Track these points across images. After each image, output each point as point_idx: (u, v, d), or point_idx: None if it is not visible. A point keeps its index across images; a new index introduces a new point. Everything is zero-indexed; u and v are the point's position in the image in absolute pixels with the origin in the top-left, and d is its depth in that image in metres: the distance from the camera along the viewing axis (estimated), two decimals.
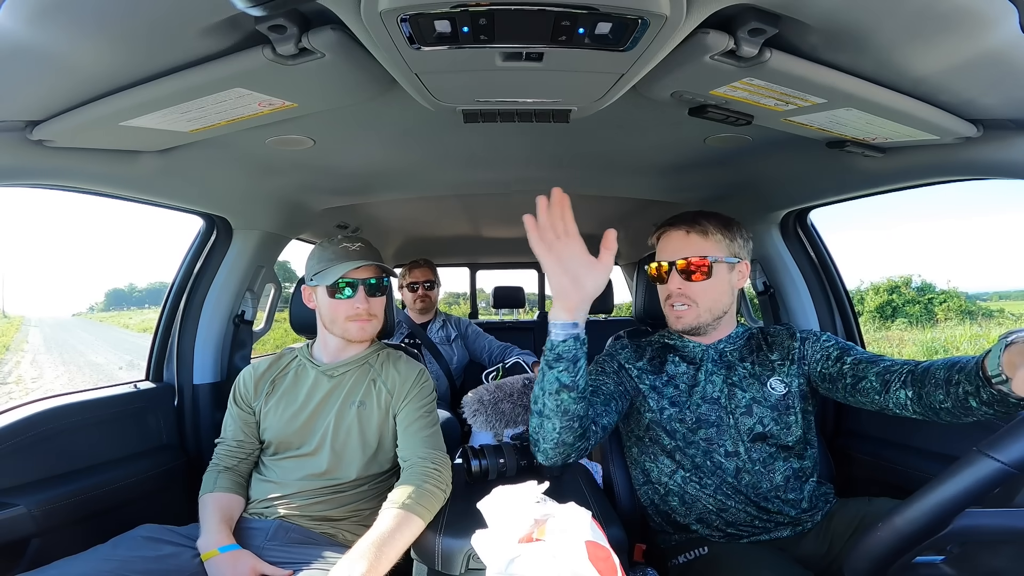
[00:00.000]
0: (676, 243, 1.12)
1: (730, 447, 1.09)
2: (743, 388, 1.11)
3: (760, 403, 1.10)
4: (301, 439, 1.20)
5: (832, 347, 1.10)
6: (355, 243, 1.24)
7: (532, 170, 1.55)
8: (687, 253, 1.10)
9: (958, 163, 1.04)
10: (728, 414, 1.10)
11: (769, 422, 1.09)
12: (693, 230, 1.11)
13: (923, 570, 0.71)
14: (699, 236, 1.11)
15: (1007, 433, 0.64)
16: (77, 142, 0.99)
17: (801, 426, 1.10)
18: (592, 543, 0.67)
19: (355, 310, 1.21)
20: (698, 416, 1.11)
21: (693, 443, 1.11)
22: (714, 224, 1.12)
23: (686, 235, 1.12)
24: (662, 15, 0.61)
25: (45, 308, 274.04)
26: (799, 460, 1.10)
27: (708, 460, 1.09)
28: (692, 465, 1.11)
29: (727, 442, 1.09)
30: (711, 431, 1.10)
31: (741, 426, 1.09)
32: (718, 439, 1.09)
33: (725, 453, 1.09)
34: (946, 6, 0.60)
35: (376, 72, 0.80)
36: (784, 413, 1.09)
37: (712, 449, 1.09)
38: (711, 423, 1.10)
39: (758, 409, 1.10)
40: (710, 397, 1.12)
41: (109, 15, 0.63)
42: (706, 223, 1.12)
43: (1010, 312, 14.46)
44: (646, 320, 1.45)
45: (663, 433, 1.12)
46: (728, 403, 1.10)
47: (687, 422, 1.11)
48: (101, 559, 0.96)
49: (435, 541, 0.98)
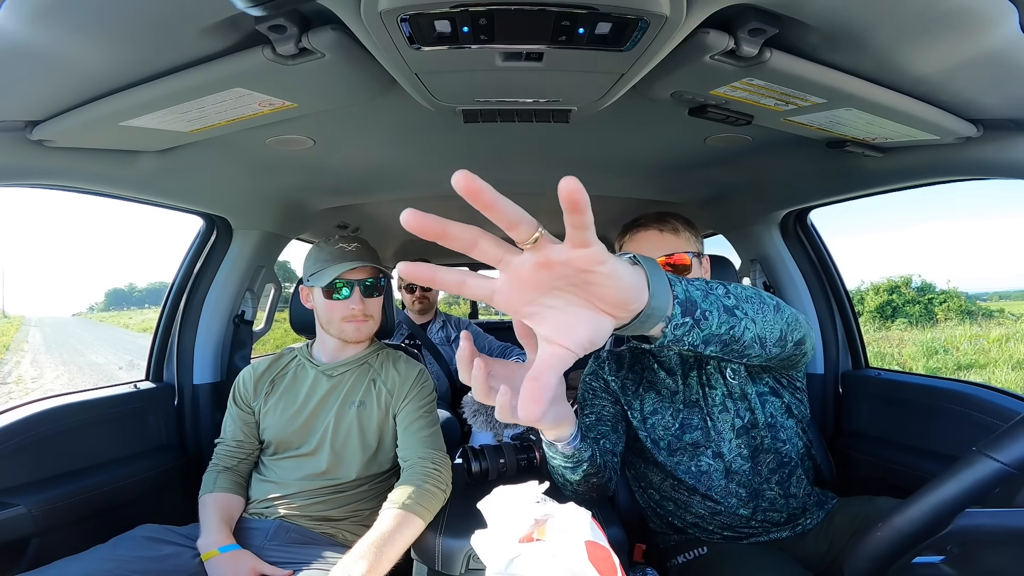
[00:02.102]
0: (652, 242, 1.10)
1: (716, 448, 1.07)
2: (712, 385, 1.10)
3: (729, 396, 1.09)
4: (301, 439, 1.20)
5: None
6: (351, 243, 1.24)
7: (532, 170, 1.55)
8: (665, 250, 1.09)
9: (958, 163, 1.04)
10: (707, 416, 1.09)
11: (745, 412, 1.08)
12: (666, 229, 1.10)
13: (923, 570, 0.71)
14: (672, 234, 1.10)
15: (1007, 433, 0.64)
16: (77, 142, 0.99)
17: (771, 409, 1.08)
18: (592, 543, 0.67)
19: (350, 311, 1.20)
20: (681, 421, 1.09)
21: (679, 449, 1.09)
22: (681, 222, 1.12)
23: (660, 234, 1.10)
24: (662, 15, 0.61)
25: (45, 308, 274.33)
26: (783, 445, 1.08)
27: (695, 465, 1.08)
28: (683, 471, 1.09)
29: (712, 444, 1.08)
30: (696, 434, 1.08)
31: (722, 424, 1.08)
32: (704, 441, 1.08)
33: (713, 455, 1.07)
34: (946, 6, 0.60)
35: (376, 72, 0.80)
36: (749, 399, 1.08)
37: (699, 453, 1.08)
38: (695, 427, 1.08)
39: (730, 403, 1.08)
40: (690, 400, 1.10)
41: (109, 15, 0.63)
42: (675, 221, 1.11)
43: (1010, 312, 14.45)
44: None
45: (648, 442, 1.11)
46: (705, 404, 1.09)
47: (672, 428, 1.09)
48: (101, 559, 0.96)
49: (435, 541, 0.98)
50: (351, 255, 1.21)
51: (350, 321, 1.21)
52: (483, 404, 1.36)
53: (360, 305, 1.21)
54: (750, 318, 0.64)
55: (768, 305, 0.69)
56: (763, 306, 0.67)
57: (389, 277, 1.33)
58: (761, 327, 0.66)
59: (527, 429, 1.30)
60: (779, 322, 0.70)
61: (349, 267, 1.19)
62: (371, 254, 1.25)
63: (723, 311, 0.59)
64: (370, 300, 1.24)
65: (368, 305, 1.23)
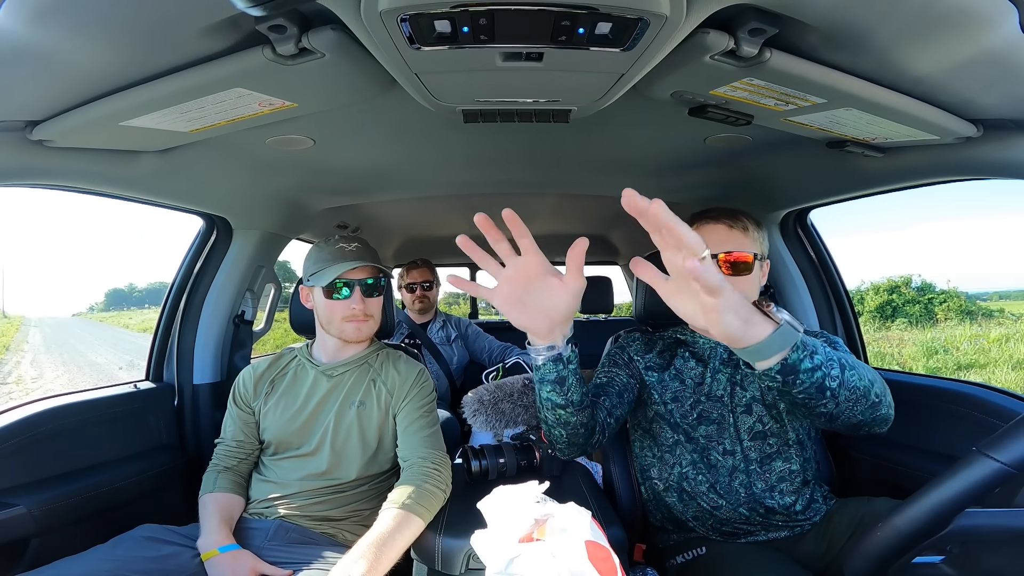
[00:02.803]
0: (719, 236, 1.09)
1: (728, 445, 1.09)
2: (744, 387, 1.11)
3: (760, 402, 1.10)
4: (301, 439, 1.20)
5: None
6: (351, 243, 1.24)
7: (532, 170, 1.55)
8: (731, 247, 1.08)
9: (958, 163, 1.04)
10: (729, 412, 1.10)
11: (768, 420, 1.09)
12: (736, 226, 1.09)
13: (923, 570, 0.71)
14: (741, 232, 1.09)
15: (1007, 433, 0.64)
16: (77, 142, 0.99)
17: (799, 427, 1.10)
18: (592, 543, 0.67)
19: (351, 311, 1.21)
20: (700, 412, 1.11)
21: (693, 439, 1.11)
22: (752, 222, 1.12)
23: (728, 229, 1.09)
24: (662, 15, 0.61)
25: (45, 308, 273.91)
26: (796, 461, 1.10)
27: (705, 457, 1.10)
28: (690, 461, 1.11)
29: (726, 440, 1.10)
30: (711, 428, 1.10)
31: (741, 424, 1.10)
32: (718, 436, 1.10)
33: (723, 451, 1.09)
34: (946, 6, 0.60)
35: (376, 72, 0.80)
36: (782, 412, 1.09)
37: (711, 446, 1.10)
38: (712, 420, 1.10)
39: (757, 408, 1.10)
40: (714, 395, 1.12)
41: (109, 15, 0.63)
42: (745, 220, 1.11)
43: (1010, 312, 14.44)
44: (647, 320, 1.45)
45: (666, 426, 1.14)
46: (730, 401, 1.11)
47: (689, 418, 1.11)
48: (101, 559, 0.96)
49: (435, 541, 0.98)
50: (351, 255, 1.21)
51: (351, 321, 1.21)
52: (483, 404, 1.37)
53: (361, 305, 1.21)
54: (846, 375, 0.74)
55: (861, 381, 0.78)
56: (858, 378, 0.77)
57: (389, 277, 1.33)
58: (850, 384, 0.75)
59: (527, 429, 1.30)
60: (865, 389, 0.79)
61: (349, 267, 1.19)
62: (371, 254, 1.25)
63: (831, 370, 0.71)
64: (370, 300, 1.24)
65: (368, 305, 1.23)
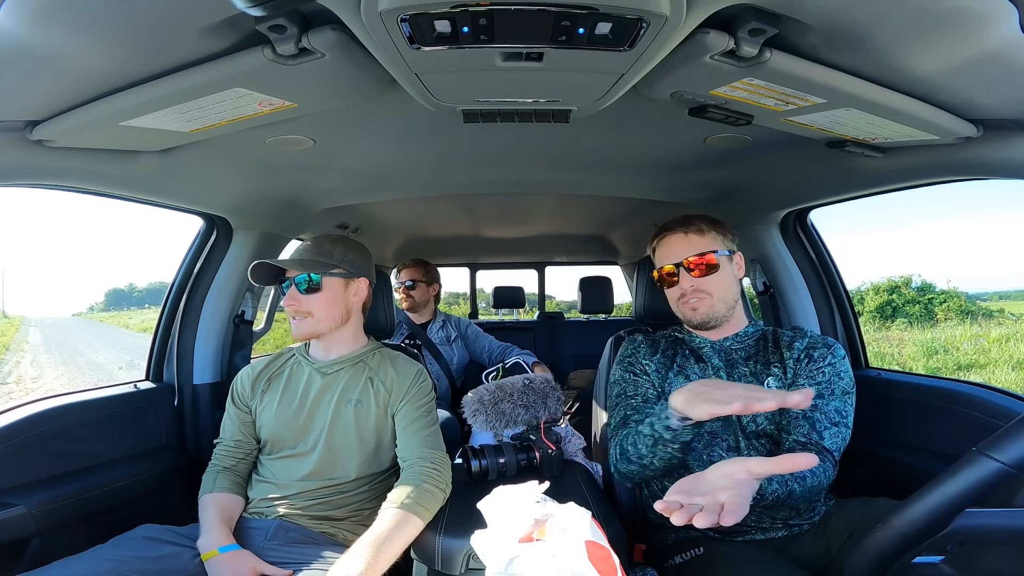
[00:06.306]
0: (678, 245, 1.18)
1: (732, 443, 1.10)
2: None
3: None
4: (296, 438, 1.19)
5: (825, 378, 1.09)
6: (306, 243, 1.28)
7: (532, 170, 1.55)
8: (691, 252, 1.15)
9: (958, 163, 1.04)
10: None
11: (763, 421, 1.10)
12: (690, 230, 1.17)
13: (923, 570, 0.71)
14: (696, 235, 1.17)
15: (1007, 433, 0.64)
16: (77, 142, 0.99)
17: (804, 430, 1.09)
18: (592, 543, 0.68)
19: (288, 306, 1.22)
20: None
21: (697, 435, 1.11)
22: (705, 222, 1.19)
23: (685, 236, 1.17)
24: (662, 15, 0.61)
25: (45, 308, 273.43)
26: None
27: (708, 455, 1.10)
28: (694, 458, 1.11)
29: (729, 438, 1.10)
30: (716, 424, 1.11)
31: (747, 423, 1.10)
32: (722, 434, 1.11)
33: (727, 448, 1.10)
34: (946, 6, 0.60)
35: (376, 72, 0.80)
36: (777, 413, 1.09)
37: (714, 443, 1.11)
38: (718, 417, 1.10)
39: None
40: None
41: (109, 15, 0.63)
42: (699, 222, 1.18)
43: (1010, 312, 14.42)
44: (646, 320, 1.45)
45: None
46: None
47: None
48: (101, 559, 0.96)
49: (435, 541, 0.98)
50: (294, 253, 1.26)
51: (291, 317, 1.23)
52: (483, 404, 1.37)
53: (294, 302, 1.20)
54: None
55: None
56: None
57: (332, 275, 1.25)
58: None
59: (527, 429, 1.30)
60: None
61: (287, 264, 1.22)
62: (312, 252, 1.24)
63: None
64: (308, 296, 1.21)
65: (303, 302, 1.21)
